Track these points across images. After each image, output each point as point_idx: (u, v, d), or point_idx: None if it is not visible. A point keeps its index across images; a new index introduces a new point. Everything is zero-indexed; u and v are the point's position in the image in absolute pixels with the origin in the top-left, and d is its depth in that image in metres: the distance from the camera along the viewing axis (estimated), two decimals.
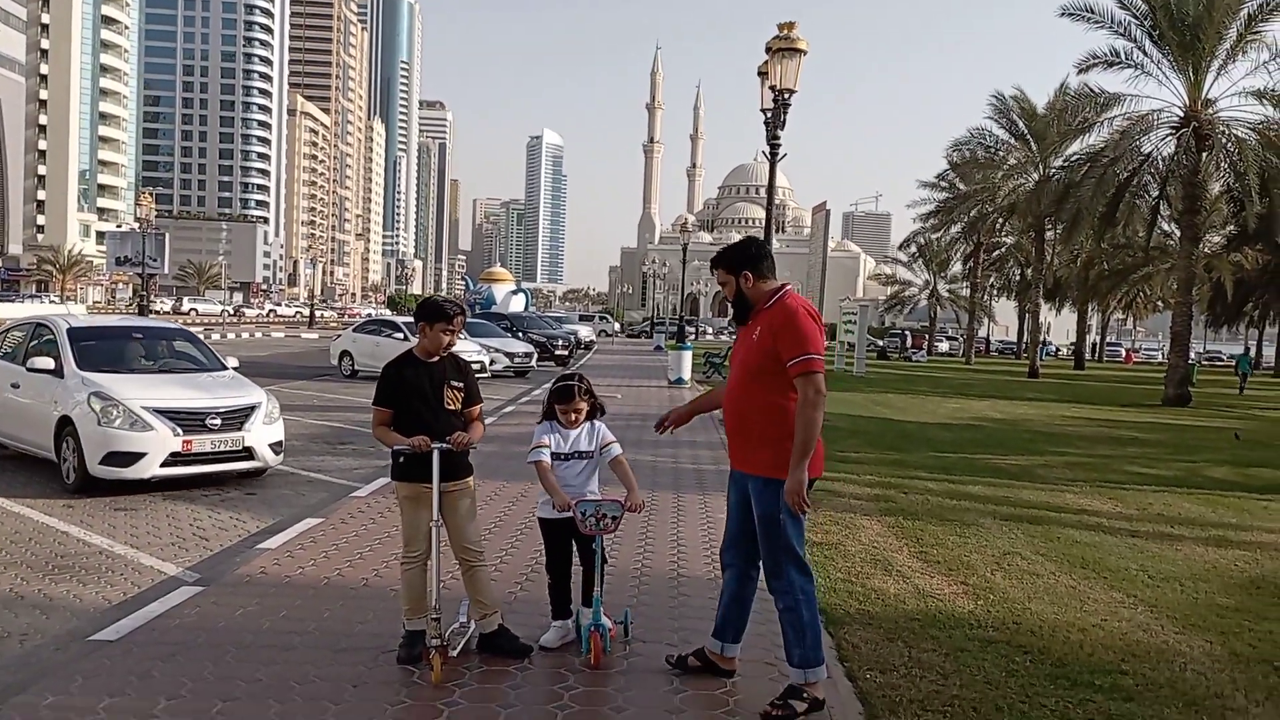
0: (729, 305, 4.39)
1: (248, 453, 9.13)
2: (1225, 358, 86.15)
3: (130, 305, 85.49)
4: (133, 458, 8.51)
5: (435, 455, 4.51)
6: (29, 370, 9.42)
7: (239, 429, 9.05)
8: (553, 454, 4.79)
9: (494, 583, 5.08)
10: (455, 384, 4.74)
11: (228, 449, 8.98)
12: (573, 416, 4.81)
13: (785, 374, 4.05)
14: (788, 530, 4.13)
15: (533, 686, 4.37)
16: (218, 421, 8.91)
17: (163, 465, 8.62)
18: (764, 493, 4.15)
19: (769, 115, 15.91)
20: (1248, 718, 4.41)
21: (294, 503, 8.78)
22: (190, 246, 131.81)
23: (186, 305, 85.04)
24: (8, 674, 4.43)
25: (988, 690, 4.56)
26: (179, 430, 8.65)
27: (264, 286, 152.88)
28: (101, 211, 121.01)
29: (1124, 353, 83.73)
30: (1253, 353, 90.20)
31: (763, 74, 16.27)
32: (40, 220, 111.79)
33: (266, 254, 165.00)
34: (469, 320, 5.56)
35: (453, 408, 4.72)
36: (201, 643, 4.77)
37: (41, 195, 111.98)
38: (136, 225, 71.15)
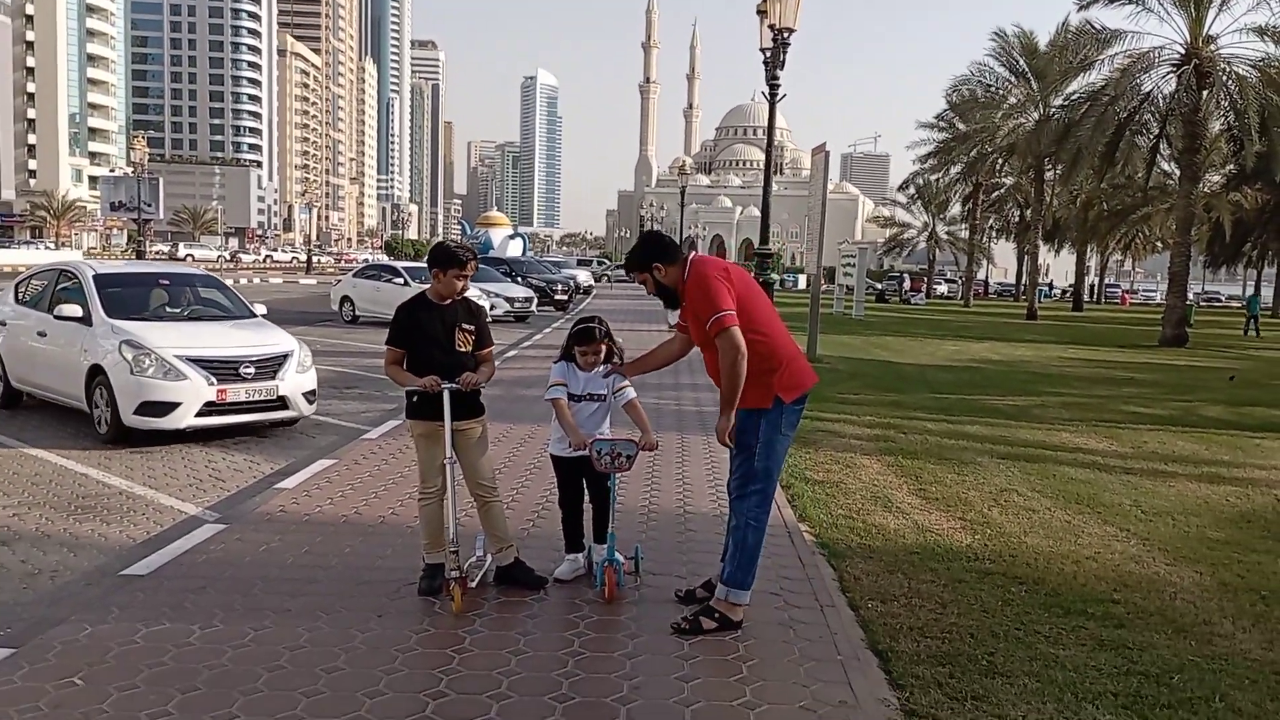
0: (658, 296, 4.60)
1: (281, 402, 8.97)
2: (1223, 298, 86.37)
3: (126, 251, 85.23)
4: (167, 407, 8.37)
5: (446, 395, 4.66)
6: (56, 318, 9.20)
7: (273, 378, 8.90)
8: (568, 394, 4.93)
9: (508, 518, 5.25)
10: (467, 326, 4.86)
11: (262, 398, 8.82)
12: (591, 359, 4.93)
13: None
14: (757, 462, 4.41)
15: (549, 616, 4.56)
16: (251, 370, 8.76)
17: (197, 415, 8.49)
18: (745, 422, 4.45)
19: (768, 55, 15.85)
20: (1234, 642, 4.60)
21: (306, 445, 8.94)
22: (184, 191, 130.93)
23: (183, 251, 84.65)
24: (43, 607, 4.61)
25: (984, 618, 4.75)
26: (213, 379, 8.51)
27: (259, 232, 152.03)
28: (93, 155, 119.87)
29: (1120, 294, 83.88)
30: (1242, 291, 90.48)
31: (762, 12, 16.18)
32: (32, 165, 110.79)
33: (261, 198, 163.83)
34: None
35: (464, 350, 4.84)
36: (229, 576, 4.96)
37: (32, 139, 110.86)
38: (130, 170, 70.64)
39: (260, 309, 10.39)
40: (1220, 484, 8.36)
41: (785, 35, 14.88)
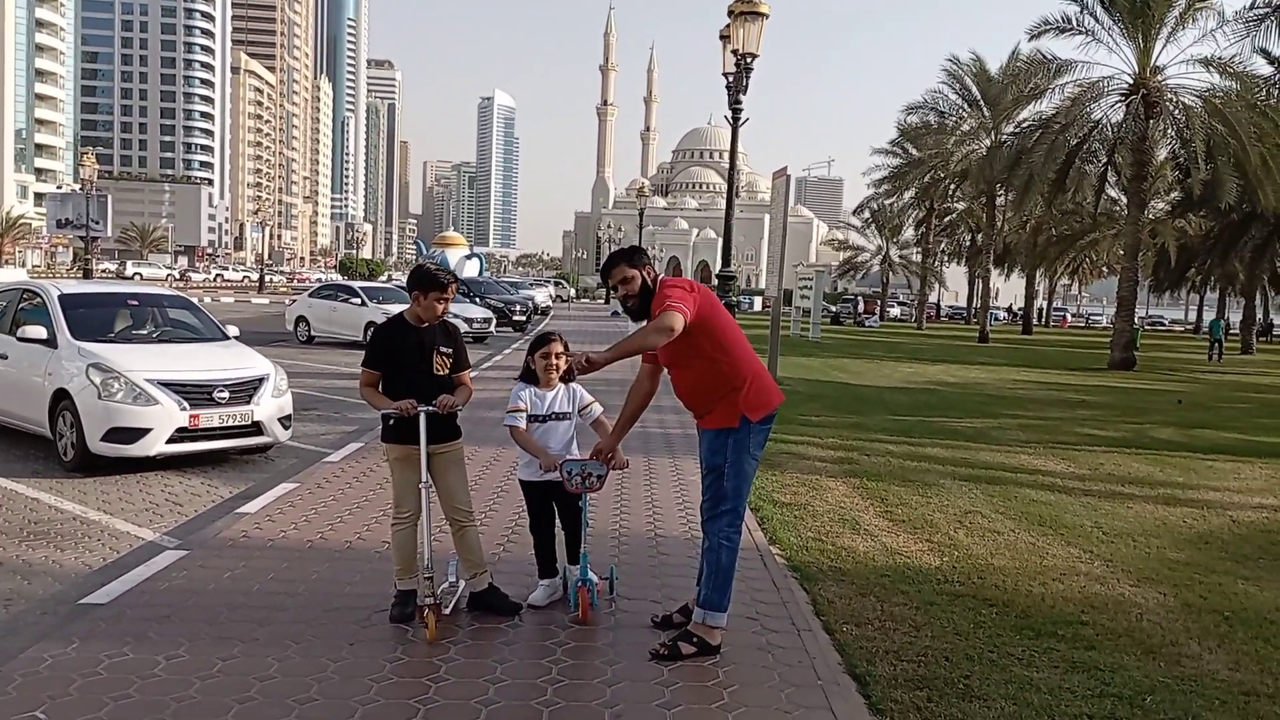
0: (625, 305, 4.50)
1: (256, 428, 8.62)
2: (1167, 322, 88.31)
3: (72, 269, 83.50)
4: (137, 434, 8.00)
5: (422, 418, 4.60)
6: (19, 340, 8.77)
7: (247, 402, 8.56)
8: (531, 416, 4.89)
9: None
10: (444, 349, 4.81)
11: (236, 424, 8.47)
12: (551, 368, 4.86)
13: (691, 347, 4.31)
14: (726, 483, 4.41)
15: (525, 643, 4.50)
16: (225, 394, 8.42)
17: (168, 441, 8.12)
18: (713, 443, 4.45)
19: (730, 79, 15.96)
20: (1201, 663, 4.67)
21: (265, 469, 8.78)
22: (132, 209, 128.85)
23: (130, 270, 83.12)
24: (0, 637, 4.46)
25: (958, 641, 4.77)
26: (185, 404, 8.16)
27: (209, 250, 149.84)
28: (39, 172, 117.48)
29: (1061, 317, 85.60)
30: (1184, 316, 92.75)
31: (725, 37, 16.31)
32: None
33: (211, 217, 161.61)
34: None
35: (441, 373, 4.79)
36: (193, 605, 4.83)
37: None
38: (77, 186, 69.35)
39: (233, 330, 10.04)
40: (1176, 505, 8.51)
41: (748, 60, 15.01)
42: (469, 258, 60.86)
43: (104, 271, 75.45)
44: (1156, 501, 8.63)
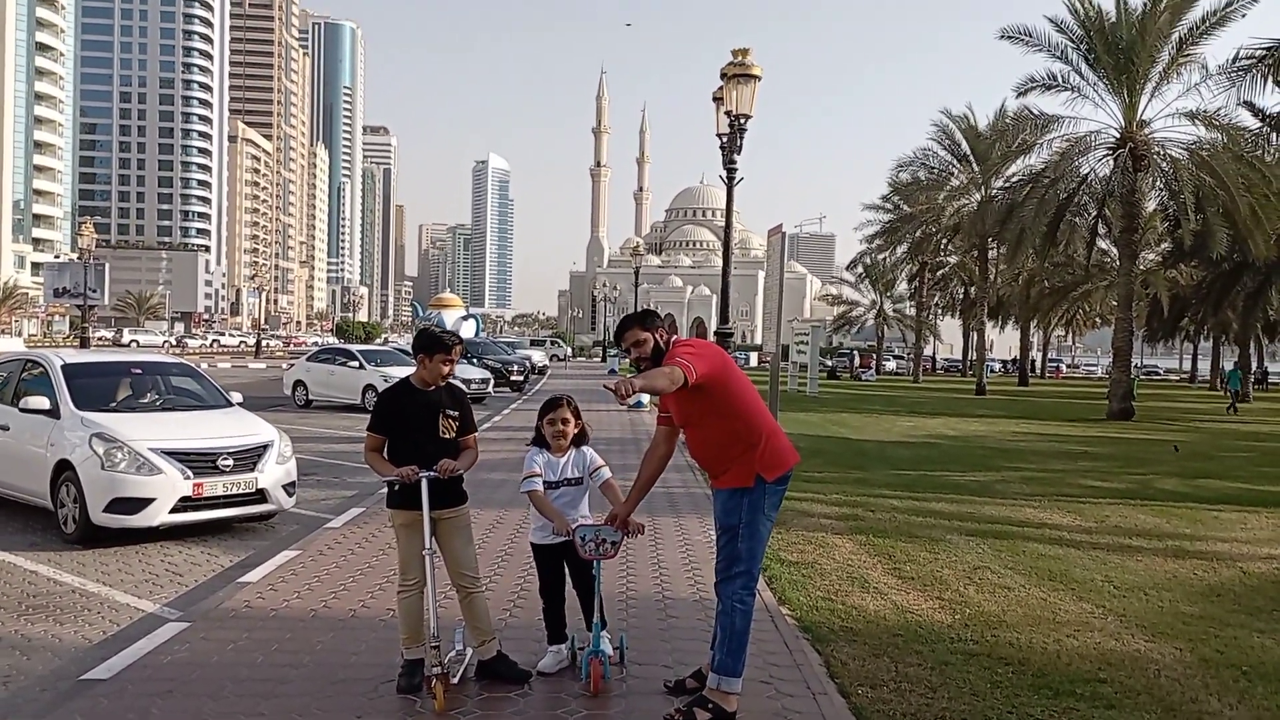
0: (639, 368, 4.51)
1: (260, 495, 8.51)
2: (1162, 371, 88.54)
3: (69, 337, 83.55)
4: (140, 504, 7.90)
5: (424, 484, 4.56)
6: (21, 411, 8.69)
7: (251, 469, 8.45)
8: (544, 482, 4.85)
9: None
10: (450, 413, 4.79)
11: (240, 492, 8.36)
12: (561, 432, 4.84)
13: (706, 405, 4.35)
14: (740, 544, 4.37)
15: (535, 713, 4.42)
16: (229, 462, 8.32)
17: (172, 511, 8.02)
18: (728, 503, 4.43)
19: (724, 140, 16.14)
20: None
21: (266, 536, 8.69)
22: (129, 276, 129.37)
23: (127, 337, 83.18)
24: None
25: (975, 702, 4.69)
26: (189, 473, 8.07)
27: (206, 316, 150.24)
28: (37, 242, 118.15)
29: (1055, 368, 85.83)
30: (1179, 365, 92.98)
31: (717, 99, 16.53)
32: None
33: (208, 283, 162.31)
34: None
35: (447, 436, 4.77)
36: (196, 679, 4.74)
37: None
38: (75, 255, 69.72)
39: (236, 397, 9.97)
40: (1186, 558, 8.44)
41: (742, 121, 15.19)
42: (465, 319, 61.17)
43: (101, 339, 75.49)
44: (1165, 554, 8.56)
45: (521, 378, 32.75)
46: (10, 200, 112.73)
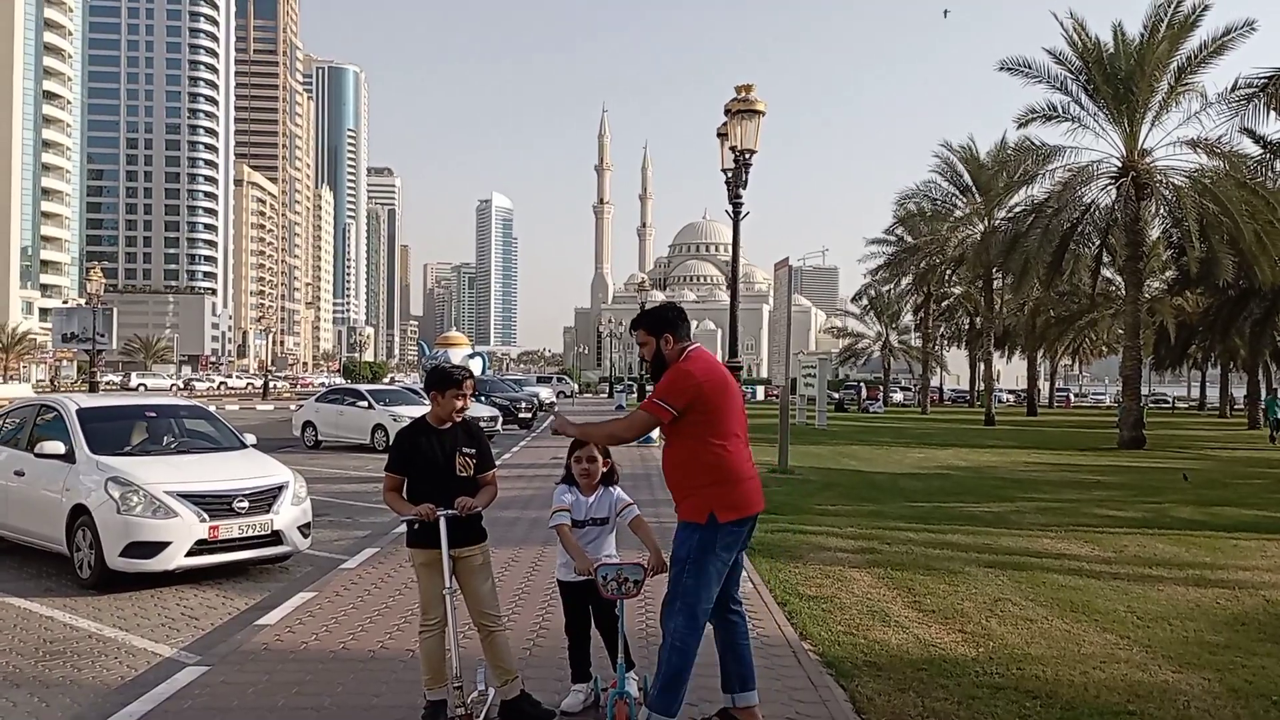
0: (645, 365, 4.58)
1: (276, 537, 8.48)
2: (1170, 399, 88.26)
3: (77, 383, 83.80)
4: (156, 548, 7.88)
5: (442, 522, 4.55)
6: (37, 456, 8.68)
7: (267, 511, 8.43)
8: (571, 520, 4.82)
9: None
10: (467, 450, 4.78)
11: (255, 534, 8.35)
12: (588, 470, 4.83)
13: (685, 426, 4.31)
14: (685, 579, 4.28)
15: None
16: (245, 504, 8.30)
17: (187, 555, 8.00)
18: (680, 534, 4.38)
19: (729, 175, 16.27)
20: None
21: (281, 578, 8.66)
22: (136, 320, 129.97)
23: (134, 381, 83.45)
24: None
25: None
26: (205, 515, 8.06)
27: (213, 359, 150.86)
28: (45, 288, 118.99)
29: (1066, 397, 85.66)
30: (1187, 392, 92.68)
31: (722, 135, 16.68)
32: None
33: (215, 325, 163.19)
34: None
35: (464, 474, 4.75)
36: None
37: None
38: (83, 301, 70.07)
39: (250, 438, 9.96)
40: (1207, 586, 8.36)
41: (747, 156, 15.32)
42: (471, 356, 61.10)
43: (108, 384, 75.75)
44: (1186, 583, 8.48)
45: (529, 415, 32.75)
46: (18, 247, 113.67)
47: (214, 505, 8.18)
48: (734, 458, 4.34)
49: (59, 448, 8.60)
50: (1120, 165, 27.29)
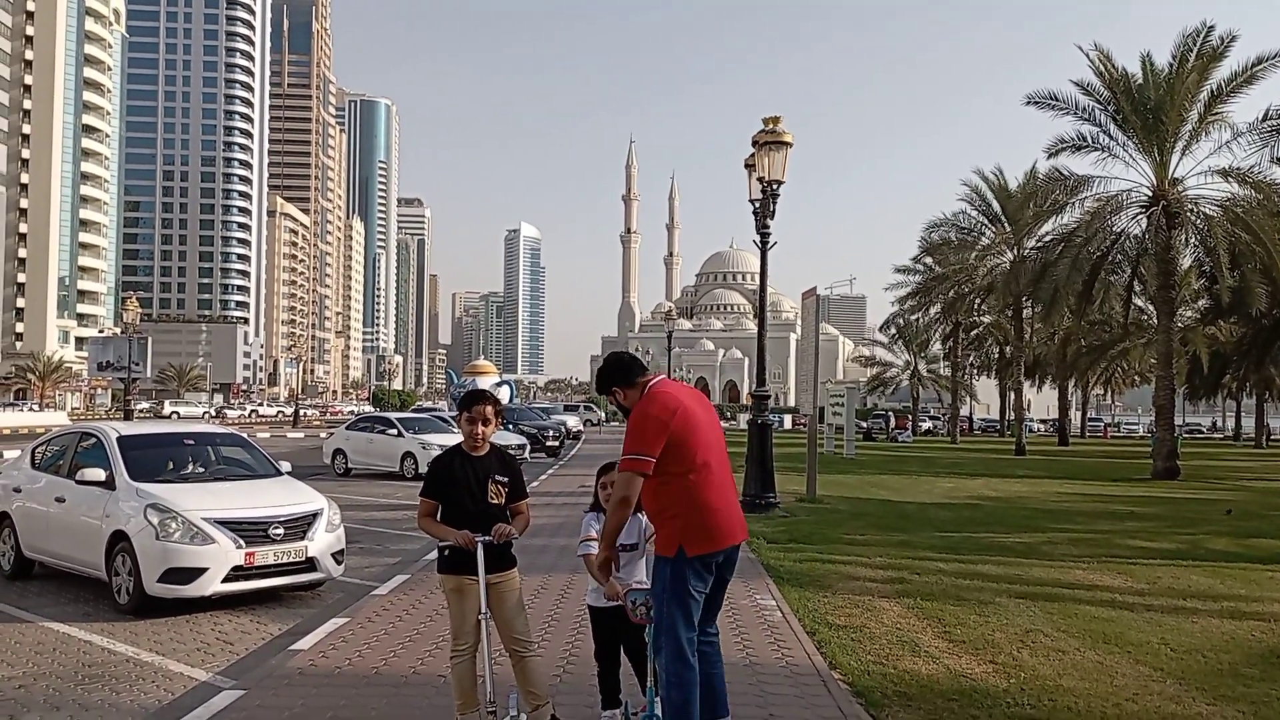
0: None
1: (310, 564, 8.56)
2: (1205, 429, 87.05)
3: (112, 410, 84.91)
4: (194, 574, 7.99)
5: (479, 549, 4.62)
6: (78, 483, 8.81)
7: (302, 538, 8.53)
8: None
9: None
10: (500, 478, 4.85)
11: (290, 560, 8.43)
12: (608, 491, 4.88)
13: (663, 454, 4.26)
14: (664, 611, 4.26)
15: None
16: (280, 531, 8.39)
17: (224, 581, 8.09)
18: (654, 568, 4.39)
19: (757, 205, 16.35)
20: None
21: (313, 604, 8.76)
22: (170, 349, 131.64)
23: (168, 409, 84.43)
24: None
25: None
26: (241, 542, 8.15)
27: (244, 387, 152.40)
28: (81, 317, 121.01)
29: (1103, 427, 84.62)
30: (1221, 422, 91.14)
31: (749, 166, 16.79)
32: (19, 328, 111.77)
33: (247, 354, 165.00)
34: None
35: (497, 501, 4.82)
36: None
37: (21, 303, 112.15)
38: (119, 330, 71.21)
39: (285, 466, 10.08)
40: (1243, 619, 8.26)
41: (775, 187, 15.41)
42: (499, 385, 61.35)
43: (142, 411, 76.70)
44: (1221, 615, 8.38)
45: (557, 443, 32.83)
46: (56, 277, 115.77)
47: (250, 532, 8.28)
48: (701, 488, 4.26)
49: (99, 474, 8.73)
50: (1150, 194, 27.14)
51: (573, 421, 45.03)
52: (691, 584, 4.23)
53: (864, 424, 59.83)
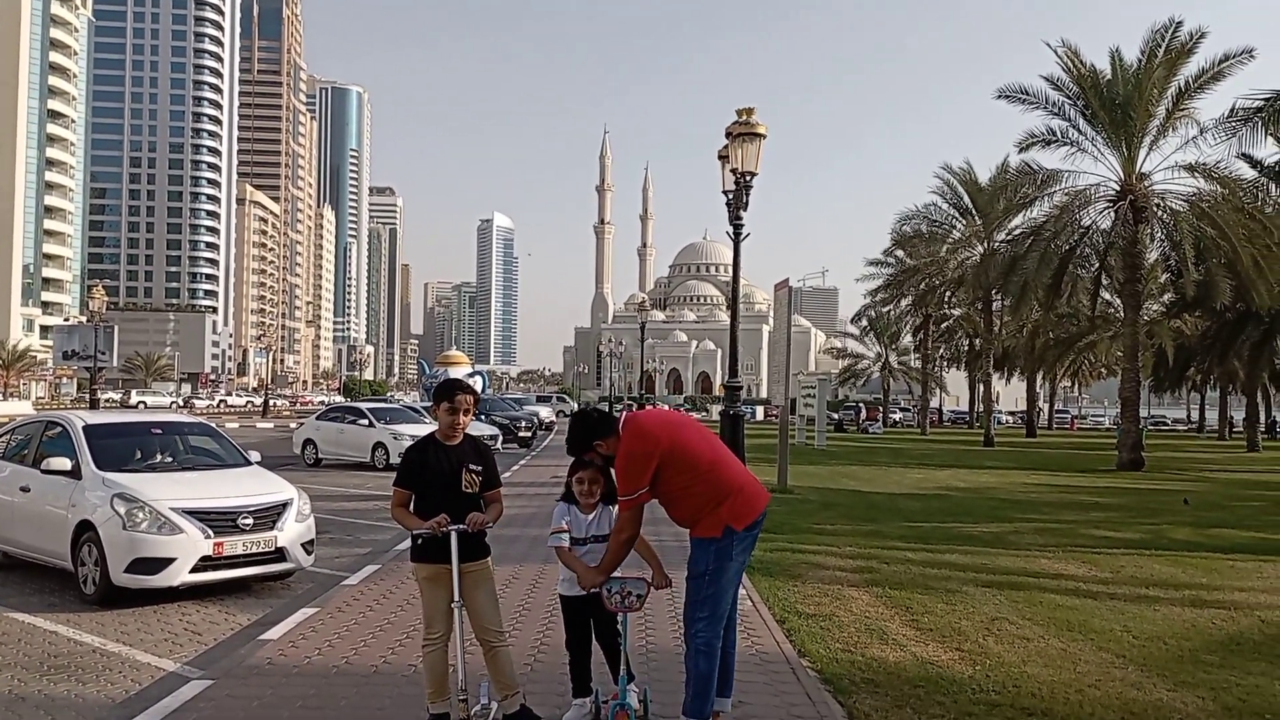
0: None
1: (280, 554, 8.50)
2: (1169, 421, 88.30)
3: (77, 400, 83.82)
4: (161, 564, 7.90)
5: (453, 536, 4.62)
6: (43, 472, 8.70)
7: (271, 528, 8.46)
8: (571, 539, 4.88)
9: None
10: (474, 467, 4.85)
11: (259, 550, 8.37)
12: (588, 490, 4.89)
13: (665, 484, 4.51)
14: (706, 589, 4.48)
15: None
16: (249, 521, 8.32)
17: (192, 571, 8.02)
18: (696, 551, 4.56)
19: (730, 197, 16.40)
20: None
21: (282, 594, 8.71)
22: (137, 338, 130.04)
23: (135, 399, 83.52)
24: None
25: None
26: (209, 532, 8.08)
27: (213, 376, 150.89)
28: (46, 305, 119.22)
29: (1070, 419, 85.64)
30: (1186, 415, 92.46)
31: (723, 157, 16.83)
32: None
33: (215, 343, 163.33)
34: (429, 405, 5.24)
35: (471, 490, 4.82)
36: None
37: None
38: (84, 318, 70.29)
39: (255, 455, 10.00)
40: (1203, 607, 8.41)
41: (748, 178, 15.46)
42: (472, 375, 61.03)
43: (108, 401, 75.78)
44: (1183, 604, 8.53)
45: (529, 434, 32.80)
46: (20, 264, 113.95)
47: (219, 522, 8.21)
48: (724, 475, 4.55)
49: (65, 464, 8.62)
50: (1118, 189, 27.47)
51: (545, 412, 44.98)
52: (735, 556, 4.51)
53: (835, 415, 60.15)
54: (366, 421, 23.19)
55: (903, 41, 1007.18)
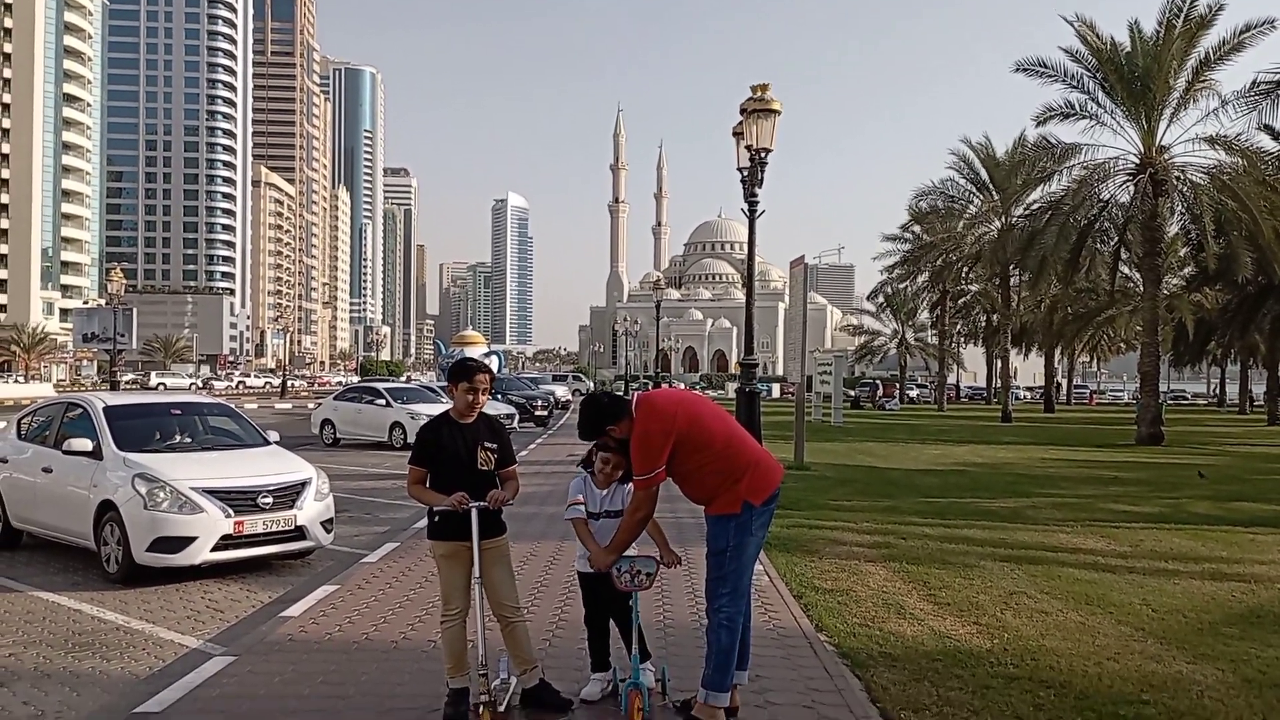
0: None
1: (299, 532, 8.61)
2: (1189, 396, 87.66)
3: (98, 382, 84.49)
4: (182, 543, 8.01)
5: (473, 514, 4.64)
6: (65, 453, 8.80)
7: (290, 507, 8.56)
8: (585, 511, 4.90)
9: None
10: (489, 445, 4.86)
11: (280, 529, 8.45)
12: (608, 473, 4.90)
13: (680, 463, 4.52)
14: (728, 565, 4.52)
15: None
16: (269, 500, 8.42)
17: (213, 550, 8.12)
18: (715, 528, 4.58)
19: (745, 174, 16.32)
20: None
21: (303, 572, 8.79)
22: (155, 320, 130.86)
23: (154, 380, 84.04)
24: None
25: None
26: (230, 511, 8.17)
27: (231, 358, 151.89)
28: (65, 288, 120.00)
29: (1089, 394, 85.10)
30: (1207, 389, 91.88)
31: (738, 134, 16.73)
32: (2, 300, 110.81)
33: (233, 325, 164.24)
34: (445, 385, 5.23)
35: (486, 468, 4.83)
36: (246, 710, 4.82)
37: (3, 275, 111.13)
38: (103, 301, 70.78)
39: (274, 435, 10.07)
40: (1223, 580, 8.37)
41: (762, 155, 15.37)
42: (488, 355, 61.19)
43: (128, 383, 76.31)
44: (1202, 577, 8.50)
45: (546, 413, 32.88)
46: (39, 248, 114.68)
47: (239, 501, 8.29)
48: (740, 452, 4.58)
49: (86, 445, 8.71)
50: (1138, 162, 27.14)
51: (561, 391, 45.08)
52: (755, 531, 4.55)
53: (851, 392, 60.00)
54: (384, 401, 23.30)
55: (921, 13, 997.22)
